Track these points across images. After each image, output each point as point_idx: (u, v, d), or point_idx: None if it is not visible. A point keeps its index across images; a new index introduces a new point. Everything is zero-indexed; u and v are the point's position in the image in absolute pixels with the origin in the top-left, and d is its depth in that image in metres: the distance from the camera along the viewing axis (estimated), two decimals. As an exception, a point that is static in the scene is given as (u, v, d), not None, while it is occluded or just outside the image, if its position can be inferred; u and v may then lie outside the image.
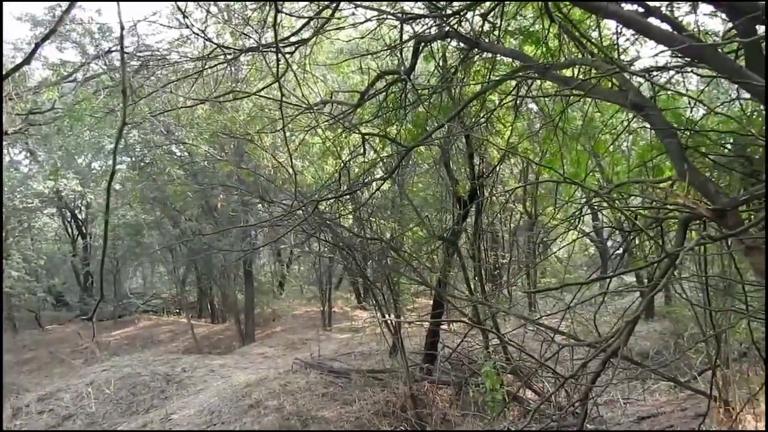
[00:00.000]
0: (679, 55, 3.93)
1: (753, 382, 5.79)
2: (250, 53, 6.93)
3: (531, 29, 7.01)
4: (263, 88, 7.17)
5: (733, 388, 5.59)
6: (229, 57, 6.47)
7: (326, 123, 7.43)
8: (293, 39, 6.47)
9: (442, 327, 9.41)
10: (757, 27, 3.25)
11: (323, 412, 7.83)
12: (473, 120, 7.12)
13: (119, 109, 8.85)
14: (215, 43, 6.25)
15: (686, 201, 3.52)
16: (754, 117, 4.98)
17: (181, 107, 9.21)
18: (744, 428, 5.27)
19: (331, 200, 7.27)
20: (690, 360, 7.98)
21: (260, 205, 12.84)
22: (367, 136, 6.58)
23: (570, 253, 16.62)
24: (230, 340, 15.28)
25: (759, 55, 3.36)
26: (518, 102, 6.30)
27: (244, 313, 15.27)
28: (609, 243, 16.41)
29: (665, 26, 3.97)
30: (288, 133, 9.29)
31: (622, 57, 5.82)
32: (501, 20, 6.46)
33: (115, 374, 10.74)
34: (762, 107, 3.65)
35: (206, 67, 6.88)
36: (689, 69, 3.86)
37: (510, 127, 7.46)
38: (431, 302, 9.76)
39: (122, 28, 1.78)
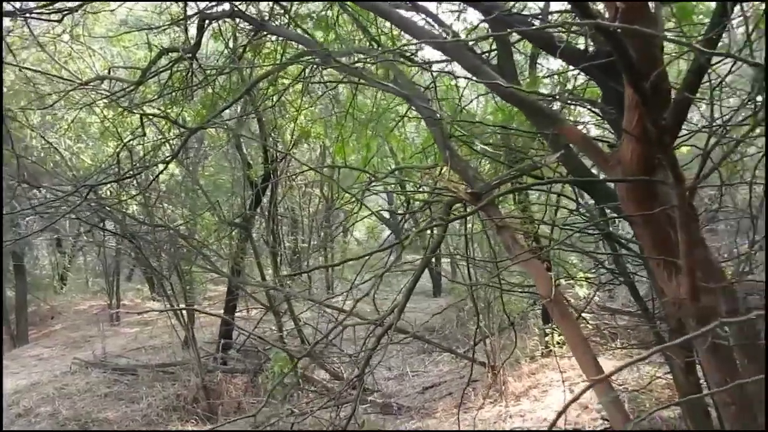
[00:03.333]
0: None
1: (516, 349, 6.55)
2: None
3: (322, 14, 7.08)
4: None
5: (498, 355, 6.26)
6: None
7: (103, 100, 6.81)
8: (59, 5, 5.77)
9: (242, 314, 9.26)
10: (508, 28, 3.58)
11: (105, 413, 7.27)
12: (263, 103, 7.02)
13: None
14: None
15: (450, 186, 3.81)
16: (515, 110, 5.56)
17: None
18: (506, 389, 5.93)
19: (109, 184, 6.69)
20: (469, 332, 8.76)
21: (36, 190, 11.38)
22: (148, 117, 6.15)
23: (367, 236, 17.29)
24: (-3, 343, 13.47)
25: (508, 53, 3.73)
26: (306, 87, 6.32)
27: (15, 311, 13.54)
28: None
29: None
30: (62, 111, 8.37)
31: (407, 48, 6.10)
32: (291, 3, 6.42)
33: None
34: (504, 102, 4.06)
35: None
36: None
37: (302, 112, 7.47)
38: (227, 290, 9.50)
39: None
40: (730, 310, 2.45)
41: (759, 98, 3.15)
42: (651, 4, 2.32)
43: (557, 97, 3.52)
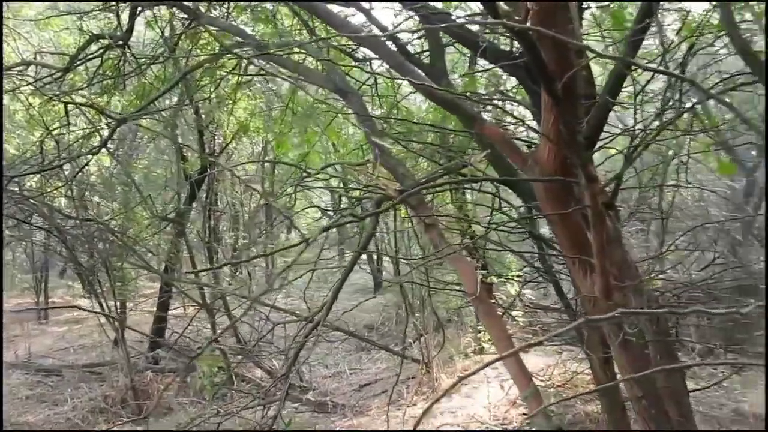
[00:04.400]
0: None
1: (450, 346, 6.62)
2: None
3: (262, 7, 6.96)
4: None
5: (431, 352, 6.30)
6: None
7: (29, 87, 6.51)
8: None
9: (179, 312, 9.01)
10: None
11: (26, 416, 6.94)
12: (199, 94, 6.86)
13: None
14: None
15: (380, 183, 3.81)
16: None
17: None
18: (439, 386, 5.98)
19: (33, 176, 6.39)
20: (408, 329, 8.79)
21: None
22: (76, 105, 5.91)
23: (311, 231, 17.06)
24: None
25: (439, 52, 3.74)
26: (240, 79, 6.21)
27: (-68, 309, 12.77)
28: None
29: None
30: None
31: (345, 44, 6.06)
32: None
33: None
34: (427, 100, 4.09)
35: None
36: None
37: (239, 105, 7.33)
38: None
39: None
40: (639, 308, 2.53)
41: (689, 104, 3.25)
42: (572, 7, 2.36)
43: (484, 95, 3.55)
